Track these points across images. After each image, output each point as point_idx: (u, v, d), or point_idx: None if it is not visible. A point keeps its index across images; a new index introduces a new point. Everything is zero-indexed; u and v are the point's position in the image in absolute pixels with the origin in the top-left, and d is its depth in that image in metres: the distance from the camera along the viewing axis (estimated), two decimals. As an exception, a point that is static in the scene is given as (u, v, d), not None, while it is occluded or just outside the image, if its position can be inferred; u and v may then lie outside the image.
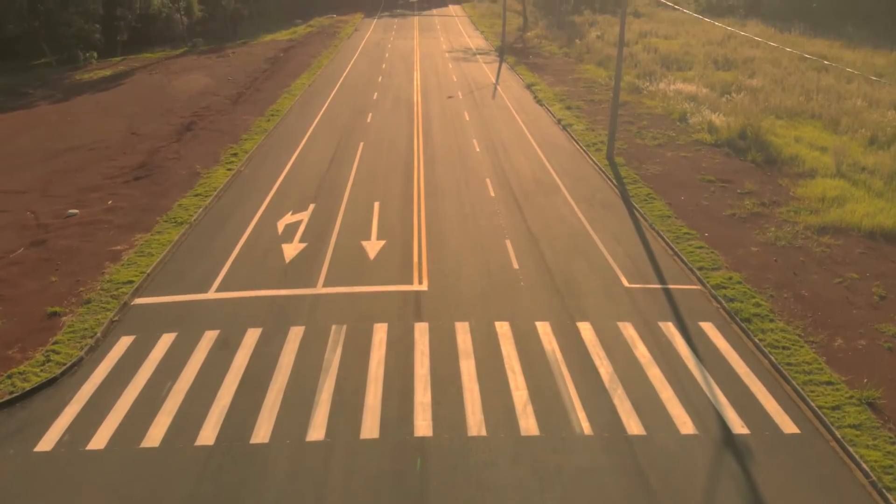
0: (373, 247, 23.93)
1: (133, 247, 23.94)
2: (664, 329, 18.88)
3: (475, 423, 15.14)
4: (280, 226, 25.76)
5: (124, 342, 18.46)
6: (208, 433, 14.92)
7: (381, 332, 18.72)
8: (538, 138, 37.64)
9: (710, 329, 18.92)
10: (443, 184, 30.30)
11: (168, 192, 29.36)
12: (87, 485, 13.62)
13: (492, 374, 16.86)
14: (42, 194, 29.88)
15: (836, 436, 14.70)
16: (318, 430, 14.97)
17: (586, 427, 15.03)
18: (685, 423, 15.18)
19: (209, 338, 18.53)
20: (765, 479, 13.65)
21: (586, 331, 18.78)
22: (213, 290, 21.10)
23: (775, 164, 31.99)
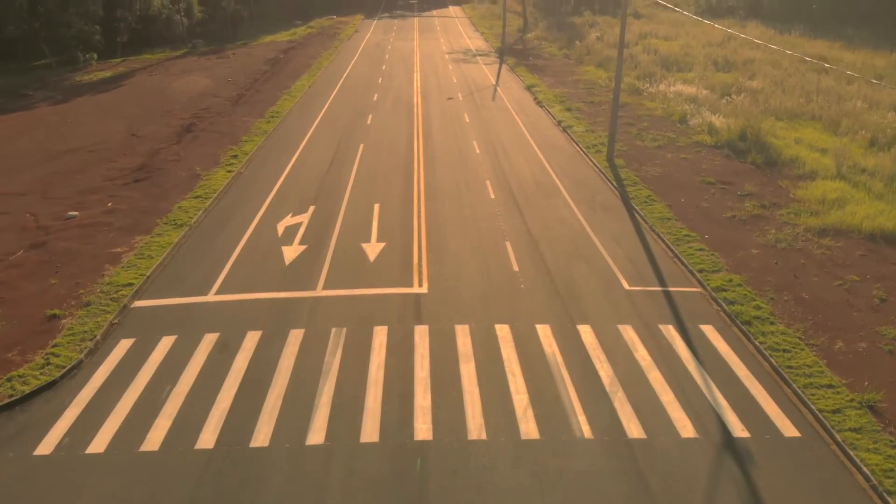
0: (373, 249, 23.91)
1: (133, 249, 23.93)
2: (664, 332, 18.86)
3: (475, 426, 15.12)
4: (280, 228, 25.74)
5: (124, 345, 18.44)
6: (208, 437, 14.90)
7: (381, 335, 18.69)
8: (538, 140, 37.63)
9: (710, 332, 18.91)
10: (443, 185, 30.28)
11: (168, 194, 29.35)
12: (87, 489, 13.60)
13: (492, 378, 16.84)
14: (42, 196, 29.87)
15: (837, 439, 14.68)
16: (317, 433, 14.95)
17: (587, 431, 15.01)
18: (685, 427, 15.16)
19: (209, 341, 18.52)
20: (765, 483, 13.64)
21: (586, 333, 18.76)
22: (212, 292, 21.08)
23: (775, 166, 31.98)
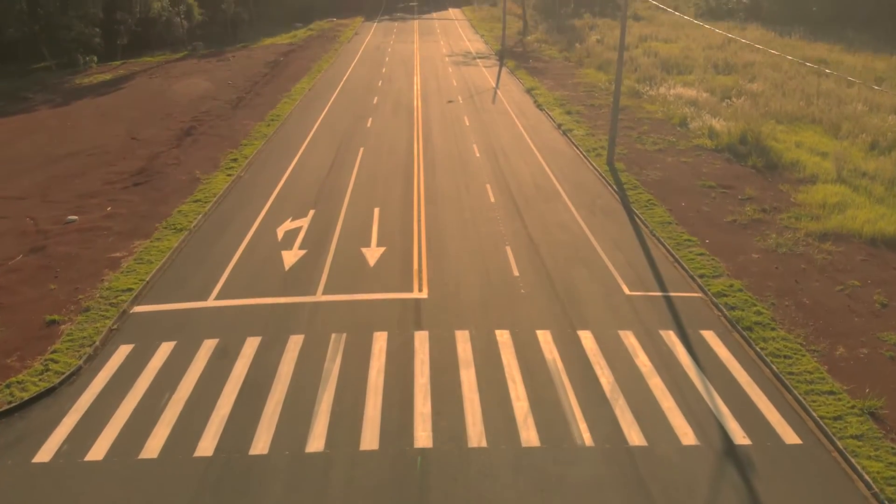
0: (373, 254, 23.86)
1: (132, 254, 23.88)
2: (665, 337, 18.81)
3: (475, 434, 15.06)
4: (280, 232, 25.70)
5: (123, 351, 18.39)
6: (207, 444, 14.85)
7: (380, 341, 18.64)
8: (538, 143, 37.60)
9: (711, 337, 18.85)
10: (443, 189, 30.24)
11: (167, 198, 29.31)
12: (86, 496, 13.54)
13: (492, 384, 16.78)
14: (41, 200, 29.84)
15: (839, 447, 14.62)
16: (317, 440, 14.90)
17: (587, 438, 14.95)
18: (686, 434, 15.11)
19: (208, 346, 18.46)
20: (766, 490, 13.58)
21: (587, 339, 18.70)
22: (212, 297, 21.03)
23: (776, 170, 31.93)
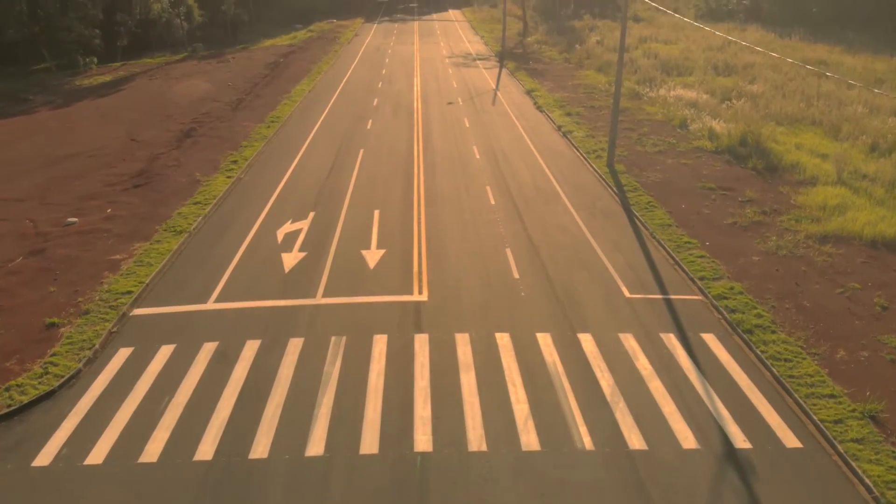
0: (373, 256, 23.85)
1: (132, 256, 23.87)
2: (665, 340, 18.79)
3: (476, 437, 15.04)
4: (280, 234, 25.68)
5: (123, 354, 18.36)
6: (207, 448, 14.82)
7: (380, 344, 18.62)
8: (538, 145, 37.58)
9: (711, 340, 18.83)
10: (443, 191, 30.23)
11: (167, 200, 29.29)
12: (85, 500, 13.51)
13: (492, 388, 16.75)
14: (41, 202, 29.82)
15: (839, 450, 14.60)
16: (317, 444, 14.87)
17: (588, 442, 14.93)
18: (687, 438, 15.08)
19: (208, 350, 18.44)
20: (767, 494, 13.55)
21: (587, 342, 18.68)
22: (212, 300, 21.01)
23: (776, 172, 31.92)
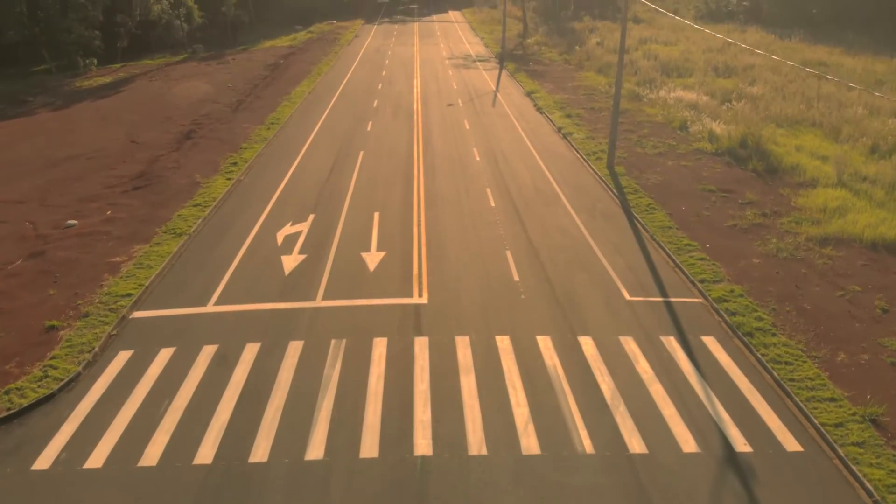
0: (373, 258, 23.82)
1: (132, 258, 23.84)
2: (666, 343, 18.76)
3: (475, 441, 15.01)
4: (279, 237, 25.66)
5: (122, 357, 18.34)
6: (206, 451, 14.79)
7: (380, 347, 18.59)
8: (538, 147, 37.56)
9: (712, 343, 18.81)
10: (443, 193, 30.21)
11: (167, 202, 29.27)
12: (84, 505, 13.51)
13: (492, 391, 16.73)
14: (41, 204, 29.80)
15: (840, 454, 14.57)
16: (316, 448, 14.85)
17: (588, 445, 14.90)
18: (687, 441, 15.06)
19: (207, 353, 18.41)
20: (767, 498, 13.52)
21: (588, 345, 18.66)
22: (211, 303, 20.99)
23: (776, 174, 31.89)
